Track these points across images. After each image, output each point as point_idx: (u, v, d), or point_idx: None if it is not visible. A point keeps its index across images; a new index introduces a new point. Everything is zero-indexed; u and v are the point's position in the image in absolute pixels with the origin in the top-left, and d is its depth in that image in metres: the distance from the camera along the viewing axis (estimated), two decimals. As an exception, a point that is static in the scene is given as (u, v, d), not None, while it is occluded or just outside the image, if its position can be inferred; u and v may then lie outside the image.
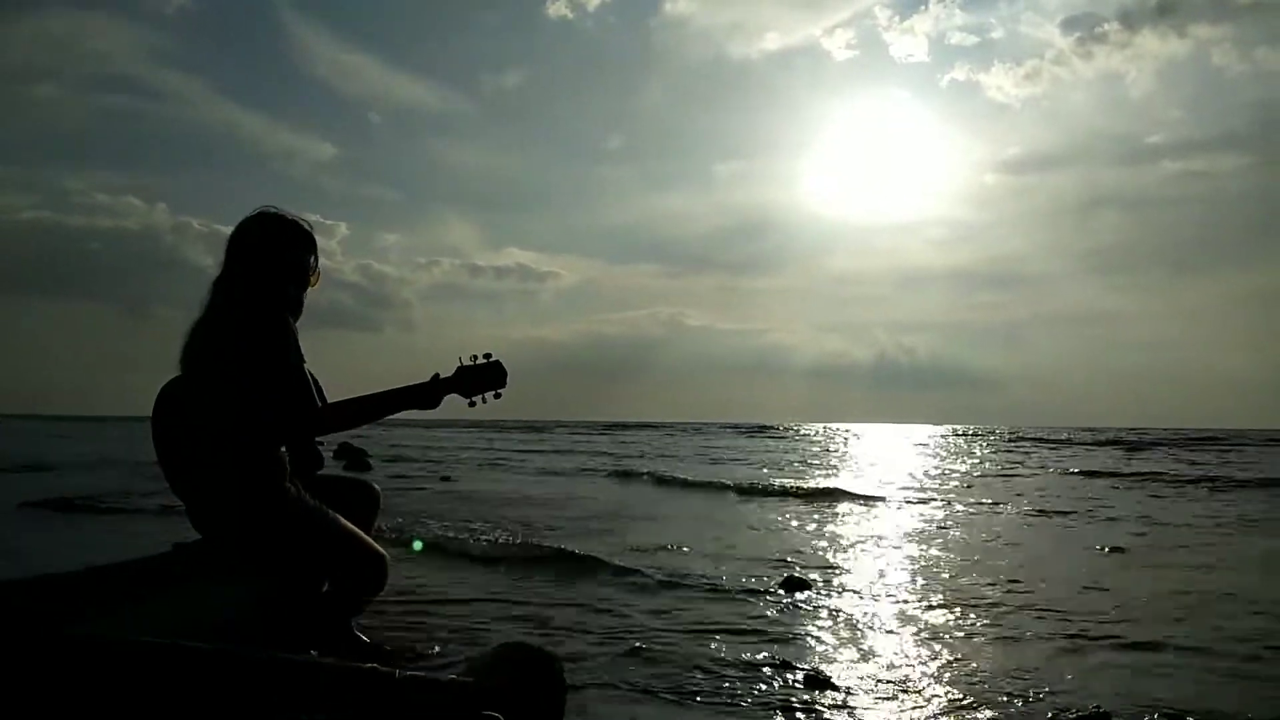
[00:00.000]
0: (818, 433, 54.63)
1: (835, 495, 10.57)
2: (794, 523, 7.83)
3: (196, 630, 2.17)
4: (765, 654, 3.21)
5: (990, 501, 9.93)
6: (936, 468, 17.91)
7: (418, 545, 5.75)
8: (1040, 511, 8.85)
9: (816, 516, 8.39)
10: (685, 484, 12.40)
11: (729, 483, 11.93)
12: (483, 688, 2.01)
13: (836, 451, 26.52)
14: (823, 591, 4.47)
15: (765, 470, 16.44)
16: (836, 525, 7.72)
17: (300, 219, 2.70)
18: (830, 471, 16.61)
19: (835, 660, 3.18)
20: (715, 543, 6.36)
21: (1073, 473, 16.00)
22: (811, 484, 12.12)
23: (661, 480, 12.93)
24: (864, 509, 9.24)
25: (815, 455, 23.85)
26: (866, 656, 3.25)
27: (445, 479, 13.00)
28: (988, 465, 18.74)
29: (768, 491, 11.17)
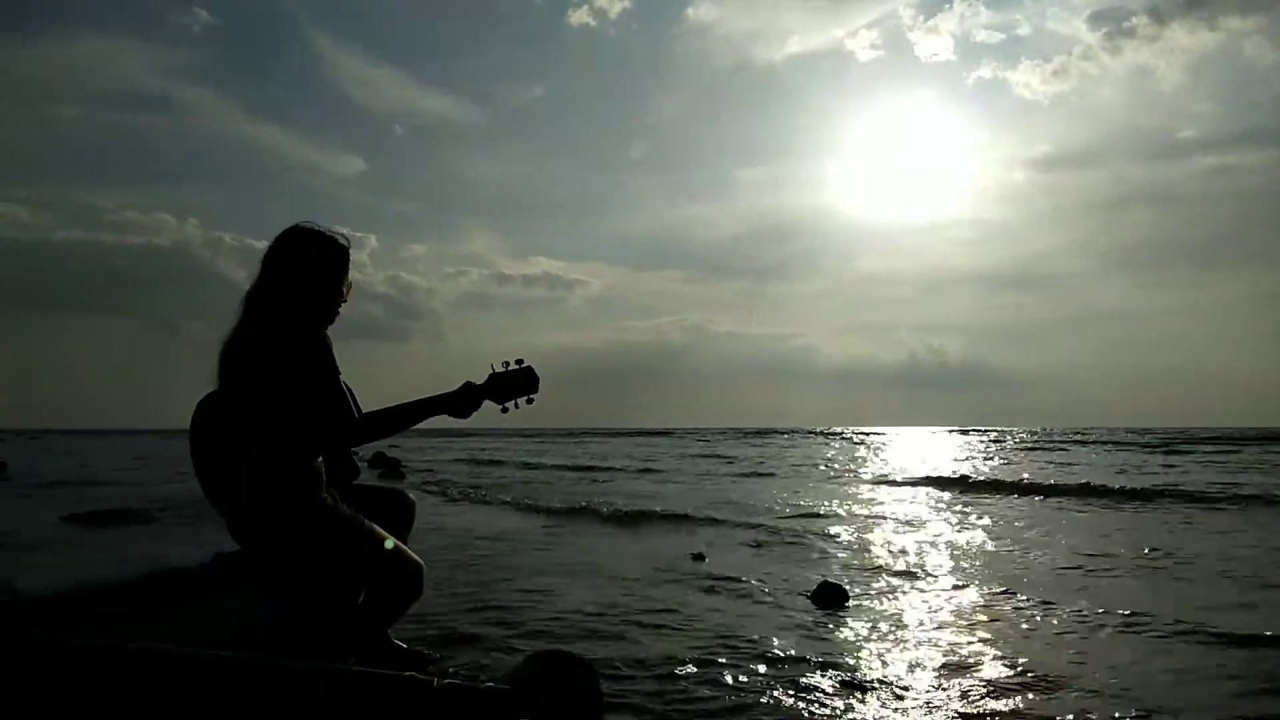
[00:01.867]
0: (819, 437, 51.97)
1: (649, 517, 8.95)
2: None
3: (235, 639, 2.19)
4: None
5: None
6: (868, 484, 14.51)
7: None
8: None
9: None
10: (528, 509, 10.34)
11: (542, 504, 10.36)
12: (520, 695, 2.01)
13: (806, 459, 23.65)
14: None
15: (678, 488, 13.93)
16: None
17: (336, 233, 2.72)
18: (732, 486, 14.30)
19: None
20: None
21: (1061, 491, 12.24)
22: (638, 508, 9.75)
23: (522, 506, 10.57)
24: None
25: (775, 464, 21.01)
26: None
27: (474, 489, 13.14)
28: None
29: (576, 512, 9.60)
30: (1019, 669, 3.09)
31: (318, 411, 2.52)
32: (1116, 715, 2.62)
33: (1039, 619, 3.98)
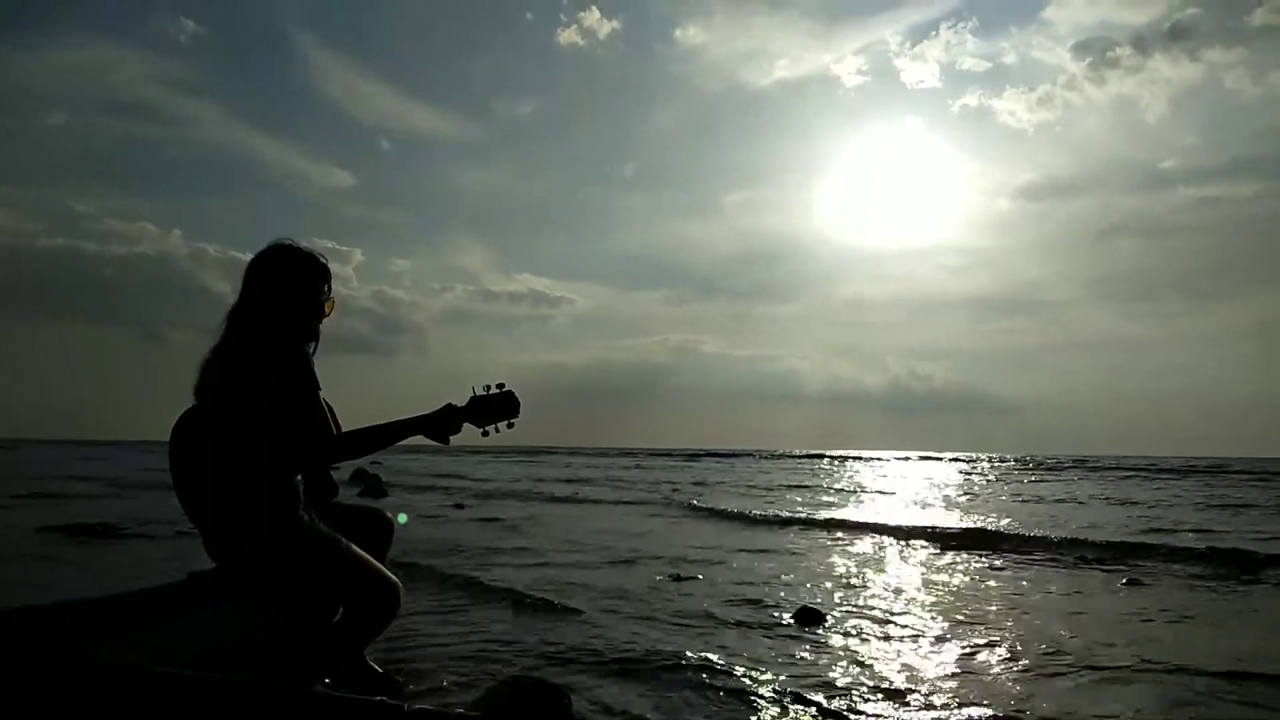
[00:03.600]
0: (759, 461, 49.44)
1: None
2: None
3: (209, 659, 2.18)
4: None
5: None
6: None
7: (402, 518, 5.53)
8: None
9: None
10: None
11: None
12: (493, 720, 2.01)
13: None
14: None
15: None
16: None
17: (315, 250, 2.74)
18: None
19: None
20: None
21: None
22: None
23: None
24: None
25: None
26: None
27: (459, 506, 13.09)
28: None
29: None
30: None
31: (297, 428, 2.52)
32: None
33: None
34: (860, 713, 2.93)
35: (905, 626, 4.45)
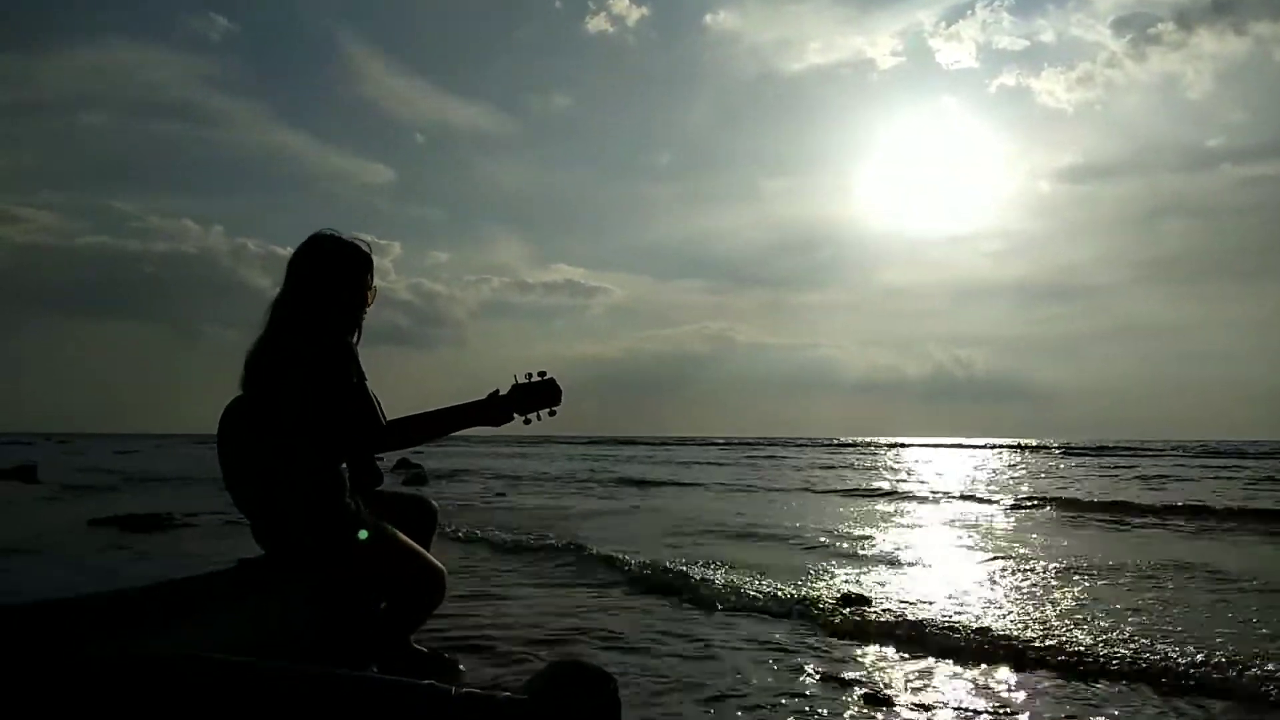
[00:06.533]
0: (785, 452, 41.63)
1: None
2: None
3: (259, 646, 2.20)
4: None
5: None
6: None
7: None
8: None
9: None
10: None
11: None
12: (538, 706, 2.01)
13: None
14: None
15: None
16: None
17: (359, 240, 2.76)
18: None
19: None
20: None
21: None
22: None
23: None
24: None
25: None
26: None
27: (500, 495, 13.21)
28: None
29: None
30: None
31: (343, 418, 2.55)
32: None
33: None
34: None
35: None
